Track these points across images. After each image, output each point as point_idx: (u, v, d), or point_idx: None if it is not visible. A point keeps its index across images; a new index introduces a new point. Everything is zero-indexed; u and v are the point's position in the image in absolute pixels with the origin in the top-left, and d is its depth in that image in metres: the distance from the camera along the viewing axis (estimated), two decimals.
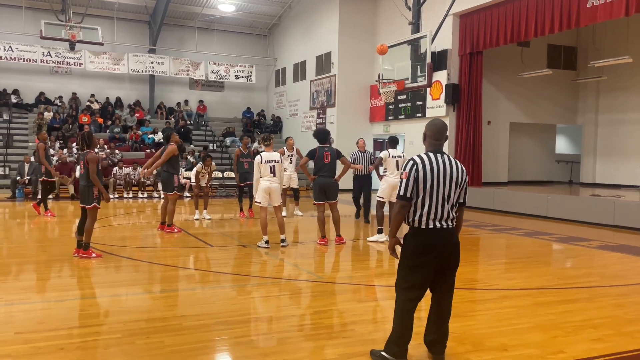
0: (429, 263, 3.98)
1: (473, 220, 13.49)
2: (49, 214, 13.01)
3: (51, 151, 20.17)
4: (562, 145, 23.90)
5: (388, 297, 6.35)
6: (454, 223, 4.10)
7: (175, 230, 10.67)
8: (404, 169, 4.03)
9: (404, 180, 3.99)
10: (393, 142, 10.20)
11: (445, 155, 4.06)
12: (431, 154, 4.05)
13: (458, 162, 4.12)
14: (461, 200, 4.11)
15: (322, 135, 9.62)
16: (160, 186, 18.97)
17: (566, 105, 21.36)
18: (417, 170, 3.97)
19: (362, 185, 12.56)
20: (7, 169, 20.09)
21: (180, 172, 11.12)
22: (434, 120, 4.22)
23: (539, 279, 7.27)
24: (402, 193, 4.00)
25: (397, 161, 9.87)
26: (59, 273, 7.36)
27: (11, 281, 6.80)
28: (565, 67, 20.87)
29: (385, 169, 9.98)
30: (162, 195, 12.66)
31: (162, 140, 23.06)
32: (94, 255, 7.99)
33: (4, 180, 19.51)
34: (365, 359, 4.26)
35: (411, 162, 4.03)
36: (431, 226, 3.99)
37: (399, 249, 4.18)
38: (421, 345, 4.29)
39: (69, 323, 5.01)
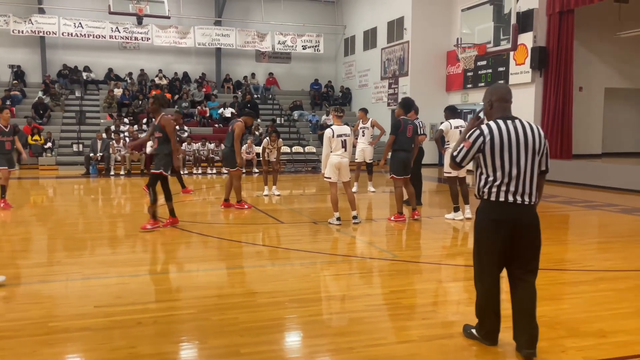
0: (498, 242, 3.67)
1: (563, 196, 12.79)
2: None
3: (121, 127, 20.69)
4: None
5: (468, 278, 6.03)
6: (534, 199, 3.71)
7: (246, 206, 10.57)
8: (468, 137, 3.73)
9: (465, 149, 3.72)
10: (453, 111, 9.66)
11: (517, 121, 3.71)
12: (501, 121, 3.69)
13: (534, 125, 3.75)
14: (542, 168, 3.77)
15: (408, 106, 9.29)
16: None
17: None
18: (483, 142, 3.65)
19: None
20: (80, 145, 20.69)
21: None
22: (495, 84, 3.98)
23: None
24: (458, 160, 3.78)
25: (460, 131, 9.37)
26: (132, 248, 7.45)
27: (88, 256, 6.94)
28: None
29: (447, 141, 9.52)
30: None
31: (229, 116, 23.25)
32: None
33: (78, 157, 20.16)
34: (446, 341, 4.04)
35: (477, 131, 3.69)
36: (502, 199, 3.65)
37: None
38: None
39: (145, 298, 5.05)
